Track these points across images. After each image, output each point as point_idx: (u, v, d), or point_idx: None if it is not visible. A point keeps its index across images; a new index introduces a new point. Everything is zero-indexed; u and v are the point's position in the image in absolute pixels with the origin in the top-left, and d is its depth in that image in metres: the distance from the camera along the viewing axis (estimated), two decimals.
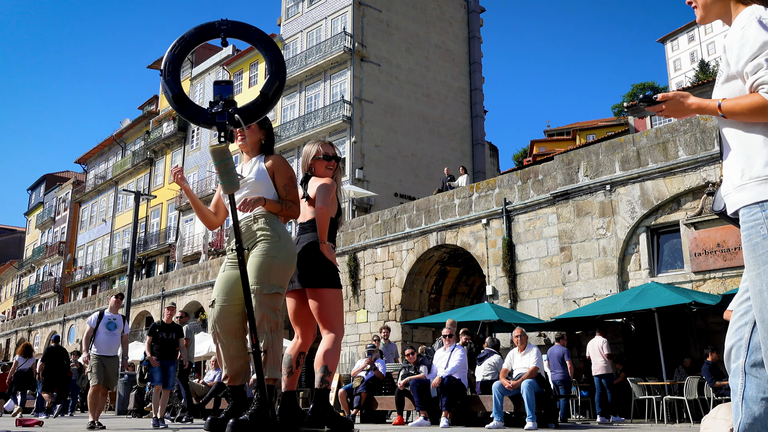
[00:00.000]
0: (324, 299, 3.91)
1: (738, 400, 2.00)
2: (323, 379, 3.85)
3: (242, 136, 3.91)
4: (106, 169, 46.96)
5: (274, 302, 3.57)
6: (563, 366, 11.56)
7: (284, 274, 3.66)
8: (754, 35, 1.95)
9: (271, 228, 3.69)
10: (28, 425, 8.38)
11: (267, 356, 3.52)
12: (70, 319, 35.83)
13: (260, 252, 3.62)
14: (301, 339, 4.10)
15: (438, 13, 33.32)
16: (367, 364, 11.41)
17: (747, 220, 1.98)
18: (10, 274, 59.64)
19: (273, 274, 3.58)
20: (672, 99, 2.20)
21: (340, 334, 3.98)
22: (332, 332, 3.92)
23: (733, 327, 2.08)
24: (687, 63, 68.66)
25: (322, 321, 3.94)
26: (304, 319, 4.08)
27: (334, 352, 3.90)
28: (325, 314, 3.92)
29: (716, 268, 12.32)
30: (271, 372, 3.55)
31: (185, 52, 3.42)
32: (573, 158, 14.79)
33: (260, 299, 3.52)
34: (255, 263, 3.60)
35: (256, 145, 3.94)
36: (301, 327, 4.10)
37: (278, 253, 3.63)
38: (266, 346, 3.51)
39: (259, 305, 3.51)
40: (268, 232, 3.67)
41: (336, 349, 3.92)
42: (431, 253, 17.85)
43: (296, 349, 4.06)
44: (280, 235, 3.69)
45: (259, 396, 3.52)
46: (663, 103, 2.21)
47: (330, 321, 3.92)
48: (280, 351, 3.60)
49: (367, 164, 28.29)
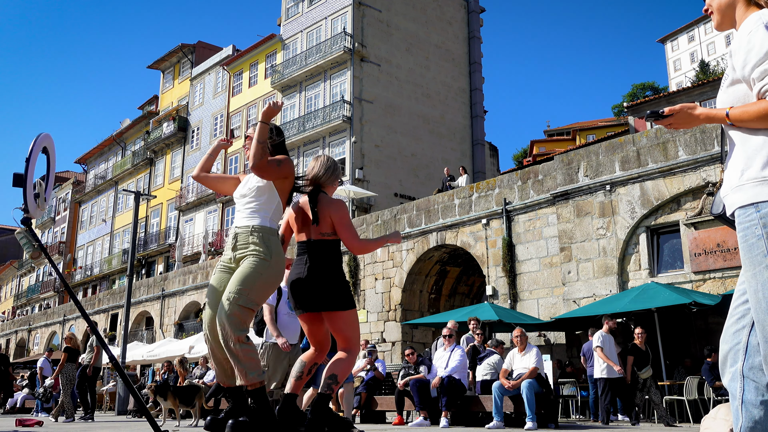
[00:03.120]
0: (343, 320, 3.92)
1: (738, 404, 2.00)
2: (329, 386, 3.86)
3: (248, 144, 3.94)
4: (106, 169, 46.96)
5: (244, 316, 3.56)
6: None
7: (265, 293, 3.68)
8: (761, 41, 1.94)
9: (265, 244, 3.69)
10: (28, 425, 8.37)
11: (241, 364, 3.53)
12: (69, 319, 35.84)
13: (249, 265, 3.64)
14: (318, 353, 4.12)
15: (438, 13, 33.32)
16: (367, 364, 11.40)
17: (743, 221, 1.98)
18: (10, 274, 59.66)
19: (254, 289, 3.59)
20: (680, 112, 2.19)
21: (356, 351, 4.04)
22: (350, 349, 3.97)
23: (729, 330, 2.08)
24: (687, 63, 68.66)
25: (342, 340, 3.98)
26: (322, 338, 4.10)
27: (346, 365, 3.93)
28: (346, 334, 3.95)
29: (716, 268, 12.32)
30: (252, 377, 3.56)
31: None
32: (573, 158, 14.79)
33: (232, 309, 3.51)
34: (241, 273, 3.62)
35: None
36: (319, 345, 4.13)
37: (265, 272, 3.64)
38: (238, 355, 3.50)
39: (228, 315, 3.49)
40: (260, 248, 3.67)
41: (349, 363, 3.95)
42: (431, 253, 17.85)
43: (311, 359, 4.09)
44: (272, 254, 3.69)
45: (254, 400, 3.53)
46: (670, 117, 2.20)
47: (349, 340, 3.97)
48: (254, 353, 3.61)
49: (367, 164, 28.29)
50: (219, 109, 37.19)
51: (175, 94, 41.77)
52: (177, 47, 41.15)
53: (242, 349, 3.50)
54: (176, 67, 42.24)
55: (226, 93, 36.87)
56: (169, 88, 42.56)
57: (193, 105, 39.45)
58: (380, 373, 11.27)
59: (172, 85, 42.30)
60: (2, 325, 46.07)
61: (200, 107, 38.79)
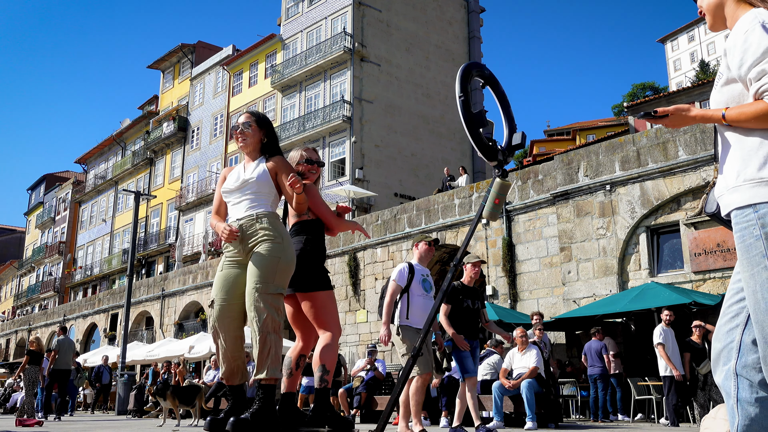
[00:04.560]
0: (316, 302, 3.92)
1: (733, 403, 2.00)
2: (322, 378, 3.86)
3: (242, 137, 3.85)
4: (106, 169, 46.95)
5: (277, 302, 3.55)
6: (601, 360, 11.54)
7: (286, 275, 3.64)
8: (758, 40, 1.93)
9: (274, 228, 3.67)
10: (28, 425, 8.37)
11: (268, 356, 3.51)
12: (69, 319, 35.83)
13: (264, 251, 3.59)
14: (303, 342, 4.12)
15: (438, 13, 33.32)
16: (367, 364, 11.41)
17: (740, 221, 1.98)
18: (10, 274, 59.64)
19: (277, 274, 3.57)
20: (674, 113, 2.19)
21: (336, 333, 3.97)
22: (328, 331, 3.93)
23: (722, 329, 2.08)
24: (687, 63, 68.67)
25: (317, 323, 3.95)
26: (303, 322, 4.09)
27: (330, 350, 3.89)
28: (319, 316, 3.94)
29: (716, 268, 12.32)
30: (273, 372, 3.54)
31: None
32: (573, 158, 14.79)
33: (264, 298, 3.50)
34: (259, 262, 3.57)
35: (257, 145, 3.87)
36: (302, 330, 4.12)
37: (282, 254, 3.61)
38: (269, 346, 3.49)
39: (263, 305, 3.49)
40: (271, 232, 3.64)
41: (332, 347, 3.91)
42: None
43: (297, 351, 4.08)
44: (282, 236, 3.67)
45: (261, 395, 3.52)
46: (665, 117, 2.21)
47: (324, 321, 3.94)
48: (280, 351, 3.60)
49: (367, 164, 28.28)
50: (219, 109, 37.19)
51: (175, 94, 41.76)
52: (177, 47, 41.14)
53: (275, 341, 3.50)
54: (176, 67, 42.23)
55: (226, 93, 36.86)
56: (169, 88, 42.55)
57: (193, 105, 39.44)
58: (380, 373, 11.28)
59: (172, 85, 42.29)
60: (2, 325, 46.06)
61: (200, 107, 38.79)
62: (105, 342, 31.44)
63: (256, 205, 3.73)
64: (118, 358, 21.07)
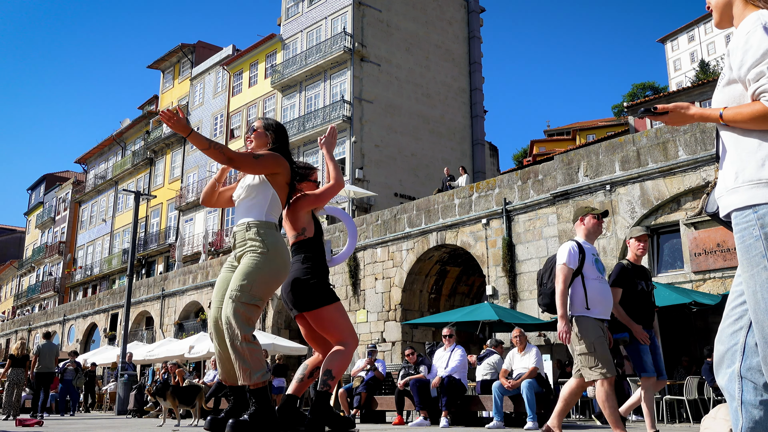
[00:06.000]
0: (324, 317, 3.93)
1: (737, 405, 2.00)
2: (325, 382, 3.85)
3: (249, 142, 3.93)
4: (106, 169, 46.96)
5: (249, 312, 3.51)
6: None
7: (268, 287, 3.61)
8: (758, 42, 1.93)
9: (261, 238, 3.65)
10: (28, 425, 8.37)
11: (245, 364, 3.46)
12: (69, 319, 35.83)
13: (248, 261, 3.61)
14: (321, 356, 4.12)
15: (438, 13, 33.32)
16: (367, 364, 11.40)
17: (739, 222, 1.98)
18: (10, 274, 59.65)
19: (255, 285, 3.55)
20: (673, 111, 2.20)
21: (352, 342, 3.96)
22: (344, 342, 3.93)
23: (725, 331, 2.08)
24: (687, 63, 68.66)
25: (330, 337, 3.97)
26: (319, 339, 4.12)
27: (340, 356, 3.88)
28: (331, 330, 3.95)
29: (716, 268, 12.32)
30: (256, 376, 3.50)
31: None
32: (573, 158, 14.79)
33: (236, 307, 3.47)
34: (240, 271, 3.59)
35: (263, 148, 3.87)
36: (319, 346, 4.14)
37: (264, 266, 3.59)
38: (243, 354, 3.44)
39: (233, 315, 3.45)
40: (256, 243, 3.63)
41: (344, 354, 3.89)
42: (431, 253, 17.85)
43: (314, 361, 4.11)
44: (269, 247, 3.63)
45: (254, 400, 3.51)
46: (664, 114, 2.21)
47: (338, 334, 3.95)
48: (260, 351, 3.56)
49: (367, 164, 28.29)
50: (219, 108, 37.19)
51: (175, 93, 41.76)
52: (177, 47, 41.14)
53: (248, 348, 3.45)
54: (176, 67, 42.23)
55: (226, 93, 36.87)
56: (169, 87, 42.55)
57: (193, 105, 39.44)
58: (380, 373, 11.27)
59: (172, 85, 42.30)
60: (2, 325, 46.05)
61: (200, 107, 38.80)
62: (105, 342, 31.44)
63: (248, 212, 3.75)
64: (118, 358, 21.06)
